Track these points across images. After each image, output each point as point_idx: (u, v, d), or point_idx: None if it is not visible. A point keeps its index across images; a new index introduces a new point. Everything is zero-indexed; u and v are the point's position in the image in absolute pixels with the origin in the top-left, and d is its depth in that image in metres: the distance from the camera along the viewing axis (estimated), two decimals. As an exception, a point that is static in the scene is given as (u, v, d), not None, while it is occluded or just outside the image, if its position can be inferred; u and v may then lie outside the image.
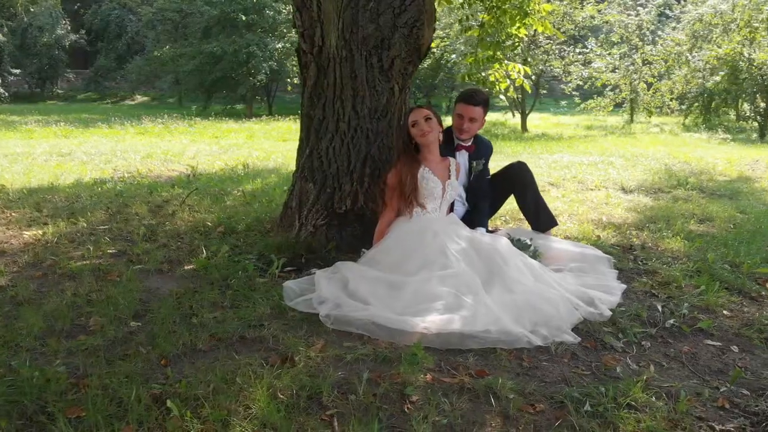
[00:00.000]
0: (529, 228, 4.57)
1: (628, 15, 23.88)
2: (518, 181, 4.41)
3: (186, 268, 3.98)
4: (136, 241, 4.57)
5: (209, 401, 2.23)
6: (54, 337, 2.83)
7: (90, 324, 3.00)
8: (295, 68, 27.48)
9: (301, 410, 2.23)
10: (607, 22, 23.66)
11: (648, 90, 23.93)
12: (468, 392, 2.43)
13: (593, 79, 23.35)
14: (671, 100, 23.79)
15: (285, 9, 27.97)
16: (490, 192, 4.41)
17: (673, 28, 25.47)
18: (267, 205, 5.94)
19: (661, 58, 23.59)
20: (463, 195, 4.28)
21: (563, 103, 35.34)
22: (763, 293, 3.78)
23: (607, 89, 24.22)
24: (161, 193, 6.72)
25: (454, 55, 21.16)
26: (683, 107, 23.55)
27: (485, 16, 7.79)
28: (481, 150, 4.34)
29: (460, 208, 4.28)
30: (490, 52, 8.23)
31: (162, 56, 30.22)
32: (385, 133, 4.50)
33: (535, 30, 11.19)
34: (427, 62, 24.74)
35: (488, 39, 8.05)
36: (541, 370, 2.69)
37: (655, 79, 23.80)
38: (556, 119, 27.93)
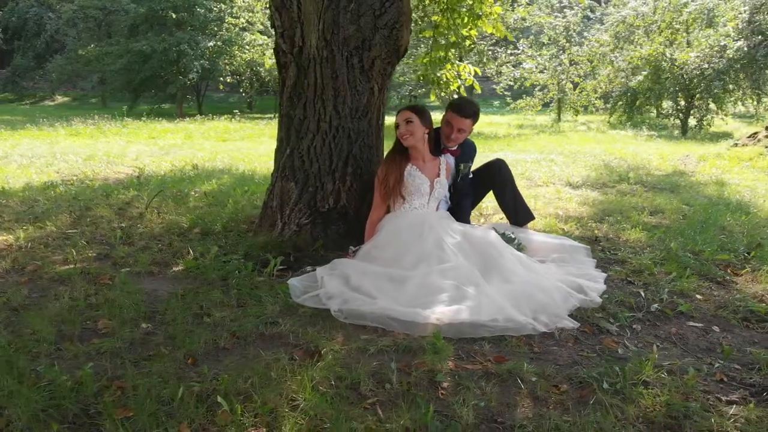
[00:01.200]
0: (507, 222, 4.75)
1: (555, 17, 24.74)
2: (498, 178, 4.58)
3: (175, 269, 3.95)
4: (113, 244, 4.48)
5: (254, 395, 2.27)
6: (67, 341, 2.79)
7: (99, 327, 2.96)
8: (228, 67, 27.12)
9: (343, 400, 2.30)
10: (537, 24, 24.44)
11: (574, 90, 24.88)
12: (493, 377, 2.55)
13: (523, 79, 24.10)
14: (596, 99, 24.82)
15: (216, 7, 27.52)
16: (471, 189, 4.57)
17: (598, 30, 26.51)
18: (234, 206, 5.90)
19: (587, 59, 24.57)
20: (447, 194, 4.42)
21: (495, 103, 36.17)
22: (728, 278, 4.08)
23: (536, 89, 25.00)
24: (118, 195, 6.57)
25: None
26: (608, 106, 24.56)
27: (439, 17, 7.96)
28: (467, 153, 4.49)
29: (443, 206, 4.41)
30: (442, 53, 8.42)
31: (87, 55, 29.16)
32: (366, 133, 4.59)
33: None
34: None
35: (441, 40, 8.23)
36: (551, 354, 2.85)
37: (581, 79, 24.76)
38: (488, 119, 28.60)
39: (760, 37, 17.27)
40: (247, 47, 25.95)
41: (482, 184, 4.62)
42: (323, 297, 3.28)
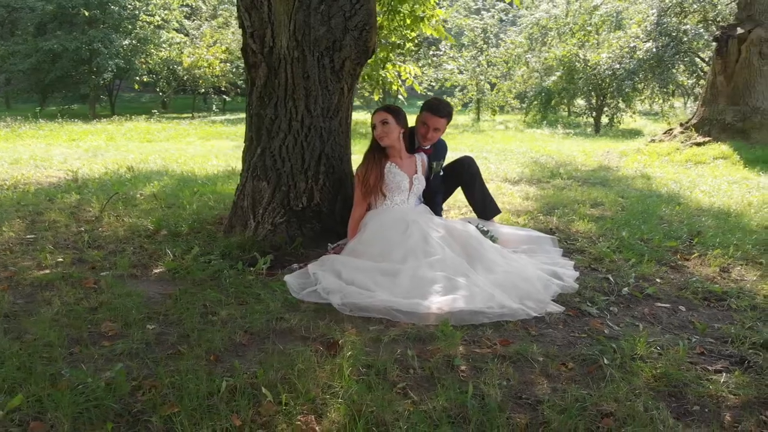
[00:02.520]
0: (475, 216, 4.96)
1: (473, 19, 25.45)
2: (467, 174, 4.78)
3: (156, 271, 3.92)
4: (81, 248, 4.39)
5: (293, 385, 2.34)
6: (78, 345, 2.75)
7: (104, 330, 2.93)
8: (144, 66, 26.29)
9: (376, 385, 2.40)
10: (457, 26, 25.05)
11: (492, 90, 25.68)
12: (505, 359, 2.72)
13: (444, 80, 24.67)
14: (512, 99, 25.71)
15: (130, 4, 26.63)
16: (442, 186, 4.74)
17: (513, 32, 27.45)
18: (193, 208, 5.84)
19: (503, 60, 25.41)
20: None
21: (418, 103, 36.66)
22: (680, 263, 4.43)
23: (457, 89, 25.65)
24: (63, 199, 6.36)
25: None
26: (524, 105, 25.50)
27: (381, 18, 8.11)
28: (440, 151, 4.66)
29: (418, 203, 4.56)
30: (384, 54, 8.58)
31: (-10, 55, 27.55)
32: (337, 132, 4.68)
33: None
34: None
35: (384, 42, 8.40)
36: (548, 336, 3.05)
37: (498, 80, 25.59)
38: (411, 119, 29.03)
39: (666, 38, 18.41)
40: (164, 45, 25.26)
41: (452, 180, 4.81)
42: (322, 292, 3.36)
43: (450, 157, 4.98)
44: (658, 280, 4.04)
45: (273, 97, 4.54)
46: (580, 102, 22.43)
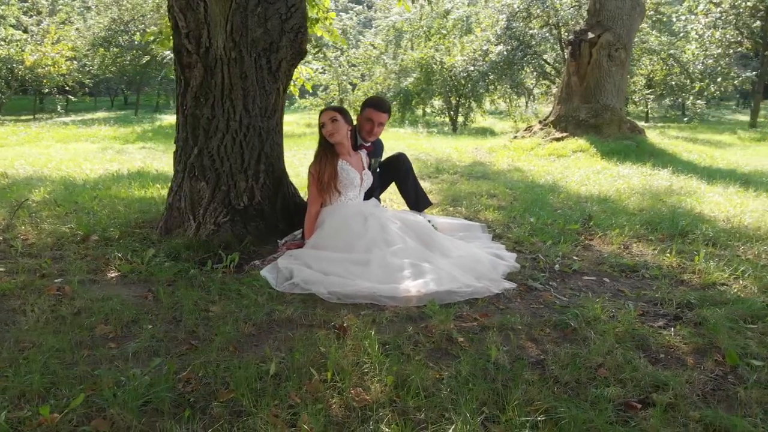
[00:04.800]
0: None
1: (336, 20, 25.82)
2: (401, 169, 5.09)
3: (112, 275, 3.85)
4: (11, 256, 4.18)
5: (323, 364, 2.53)
6: (84, 348, 2.73)
7: (101, 333, 2.92)
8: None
9: (399, 358, 2.64)
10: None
11: (353, 90, 26.23)
12: (492, 329, 3.06)
13: (308, 80, 24.78)
14: (373, 99, 26.38)
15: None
16: (379, 182, 5.01)
17: (372, 34, 28.17)
18: (99, 213, 5.64)
19: (362, 61, 26.04)
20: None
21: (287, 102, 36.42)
22: (587, 243, 5.02)
23: (320, 89, 25.91)
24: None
25: (168, 51, 20.74)
26: (327, 105, 26.25)
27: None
28: (378, 149, 4.93)
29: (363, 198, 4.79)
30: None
31: None
32: (274, 131, 4.81)
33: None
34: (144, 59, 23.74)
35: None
36: (514, 308, 3.44)
37: (359, 80, 26.19)
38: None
39: (516, 42, 19.86)
40: (2, 43, 23.18)
41: (387, 176, 5.09)
42: (303, 284, 3.52)
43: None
44: (575, 257, 4.58)
45: (209, 97, 4.58)
46: (436, 102, 23.52)
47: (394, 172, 5.09)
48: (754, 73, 21.80)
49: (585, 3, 19.95)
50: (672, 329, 3.13)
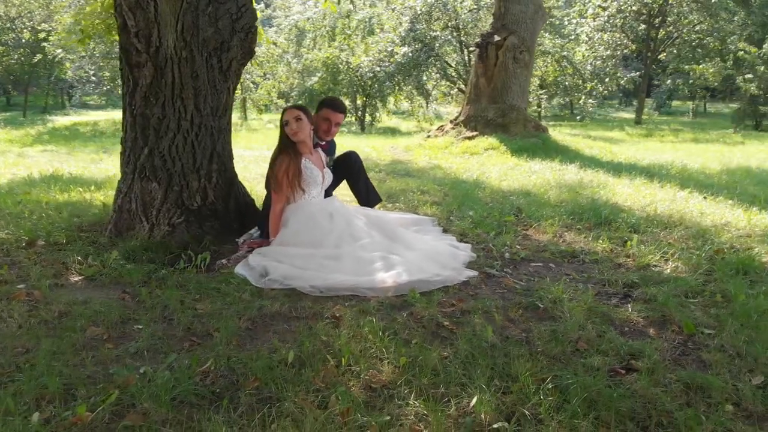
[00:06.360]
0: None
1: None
2: (353, 168, 5.22)
3: (75, 279, 3.77)
4: (-42, 263, 3.99)
5: (328, 352, 2.65)
6: (83, 350, 2.71)
7: (93, 335, 2.89)
8: None
9: (400, 343, 2.80)
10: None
11: (256, 89, 25.97)
12: (472, 313, 3.28)
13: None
14: (277, 98, 26.28)
15: None
16: (331, 180, 5.11)
17: (275, 32, 27.94)
18: (29, 217, 5.42)
19: (265, 60, 25.82)
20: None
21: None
22: (524, 233, 5.36)
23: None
24: None
25: (60, 50, 19.86)
26: (289, 105, 26.16)
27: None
28: (332, 147, 5.03)
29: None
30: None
31: None
32: (225, 130, 4.83)
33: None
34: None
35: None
36: (482, 293, 3.68)
37: (262, 79, 25.96)
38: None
39: (419, 44, 20.38)
40: None
41: (340, 174, 5.20)
42: (282, 279, 3.61)
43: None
44: (518, 246, 4.89)
45: (160, 96, 4.54)
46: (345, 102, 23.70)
47: (346, 170, 5.22)
48: (637, 73, 23.44)
49: (485, 6, 20.79)
50: (629, 306, 3.47)
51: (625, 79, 22.99)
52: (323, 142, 4.89)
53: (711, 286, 3.77)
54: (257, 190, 6.35)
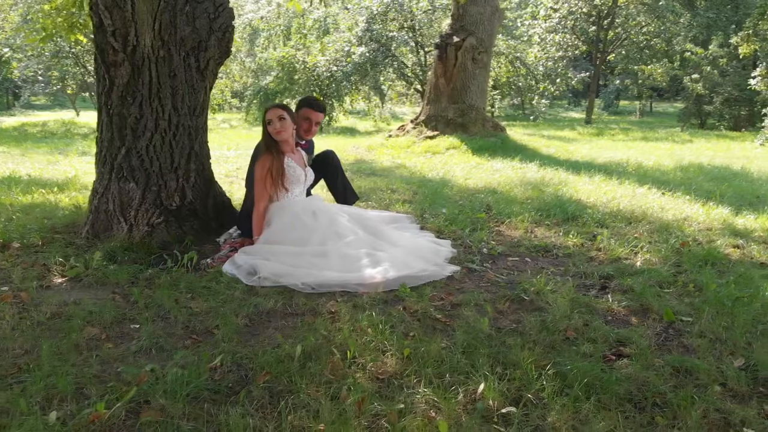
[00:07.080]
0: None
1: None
2: (331, 166, 5.26)
3: (59, 281, 3.72)
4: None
5: (329, 346, 2.71)
6: (84, 351, 2.69)
7: (94, 335, 2.88)
8: None
9: (398, 335, 2.88)
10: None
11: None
12: (462, 306, 3.38)
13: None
14: (231, 97, 26.02)
15: None
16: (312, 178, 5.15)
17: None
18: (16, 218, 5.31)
19: (218, 59, 25.53)
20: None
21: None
22: (497, 229, 5.50)
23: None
24: None
25: (7, 49, 19.31)
26: (243, 104, 25.94)
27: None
28: (311, 146, 5.06)
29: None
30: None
31: None
32: (203, 130, 4.82)
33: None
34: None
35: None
36: (467, 287, 3.79)
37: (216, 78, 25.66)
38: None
39: (376, 44, 20.47)
40: None
41: (318, 172, 5.23)
42: (273, 277, 3.64)
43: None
44: (493, 242, 5.02)
45: (137, 96, 4.50)
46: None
47: (325, 168, 5.26)
48: (587, 74, 24.04)
49: (440, 8, 21.01)
50: (608, 296, 3.62)
51: (576, 79, 23.57)
52: (303, 141, 4.93)
53: (683, 277, 3.97)
54: (227, 191, 6.33)
